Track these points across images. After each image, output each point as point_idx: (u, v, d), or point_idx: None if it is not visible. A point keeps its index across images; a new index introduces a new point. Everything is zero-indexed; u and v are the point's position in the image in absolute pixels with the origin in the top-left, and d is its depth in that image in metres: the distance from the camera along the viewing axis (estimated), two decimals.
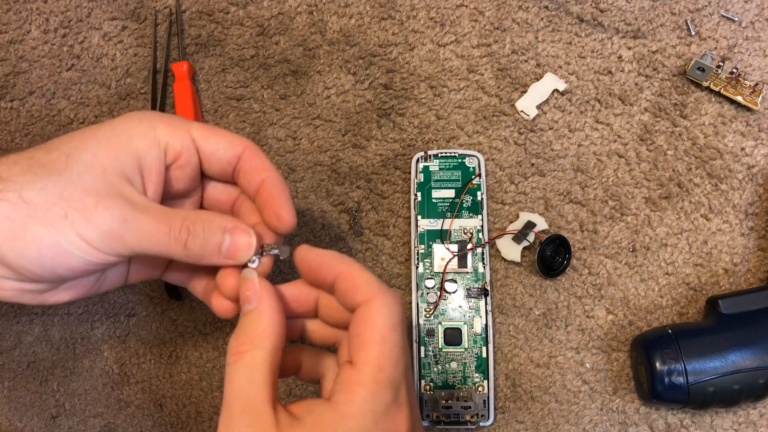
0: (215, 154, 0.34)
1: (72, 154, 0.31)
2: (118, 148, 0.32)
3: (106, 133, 0.32)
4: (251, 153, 0.35)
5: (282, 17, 0.50)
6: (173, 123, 0.33)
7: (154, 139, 0.33)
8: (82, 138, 0.32)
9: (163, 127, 0.33)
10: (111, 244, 0.30)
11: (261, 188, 0.35)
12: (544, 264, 0.44)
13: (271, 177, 0.34)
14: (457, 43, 0.49)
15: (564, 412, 0.44)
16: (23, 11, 0.50)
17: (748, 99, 0.46)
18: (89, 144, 0.31)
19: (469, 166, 0.46)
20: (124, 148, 0.32)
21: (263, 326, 0.31)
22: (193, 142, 0.34)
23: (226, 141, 0.34)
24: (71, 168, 0.30)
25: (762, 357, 0.40)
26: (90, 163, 0.31)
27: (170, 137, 0.33)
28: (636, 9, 0.48)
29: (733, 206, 0.46)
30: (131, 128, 0.32)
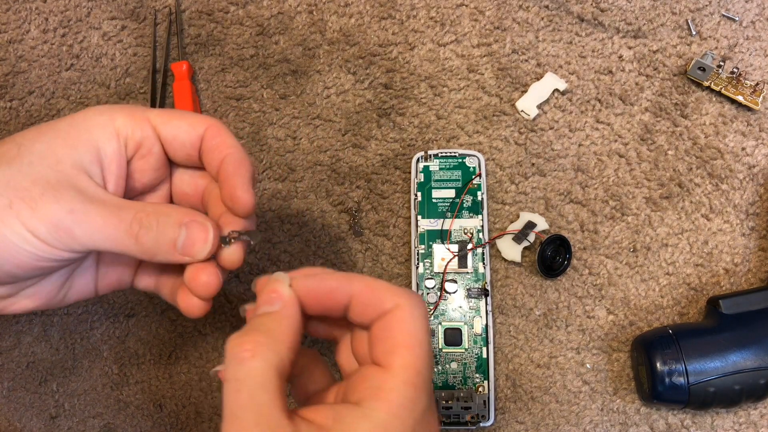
0: (177, 138, 0.33)
1: (24, 144, 0.30)
2: (76, 139, 0.30)
3: (64, 126, 0.31)
4: (213, 131, 0.33)
5: (282, 17, 0.50)
6: (132, 113, 0.32)
7: (113, 130, 0.31)
8: (38, 130, 0.31)
9: (122, 118, 0.32)
10: (59, 236, 0.29)
11: (221, 164, 0.32)
12: (545, 264, 0.44)
13: (232, 153, 0.32)
14: (457, 42, 0.49)
15: (564, 413, 0.44)
16: (23, 11, 0.50)
17: (749, 99, 0.46)
18: (45, 136, 0.30)
19: (469, 166, 0.46)
20: (82, 140, 0.30)
21: (282, 329, 0.28)
22: (154, 129, 0.32)
23: (187, 123, 0.33)
24: (22, 158, 0.29)
25: (763, 357, 0.40)
26: (43, 154, 0.29)
27: (129, 127, 0.32)
28: (636, 8, 0.48)
29: (734, 206, 0.46)
30: (90, 120, 0.31)
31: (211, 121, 0.33)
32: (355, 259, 0.46)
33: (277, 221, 0.47)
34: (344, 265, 0.46)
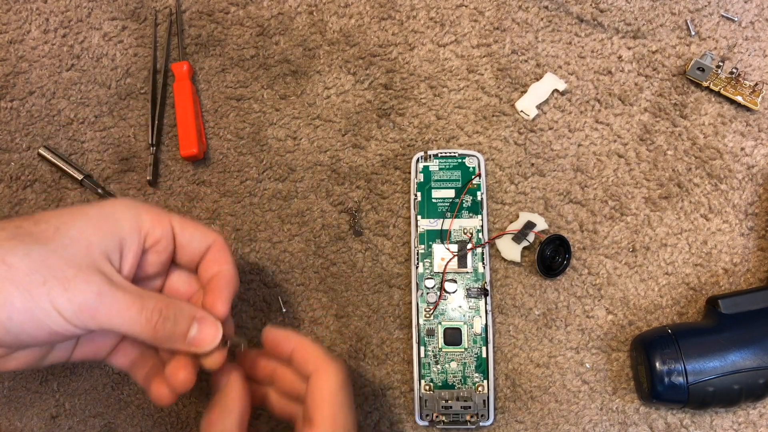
0: (191, 244, 0.37)
1: (60, 228, 0.32)
2: (105, 228, 0.34)
3: (95, 213, 0.34)
4: (219, 245, 0.38)
5: (282, 17, 0.50)
6: (158, 214, 0.36)
7: (138, 225, 0.35)
8: (71, 214, 0.33)
9: (148, 216, 0.36)
10: (82, 316, 0.31)
11: (214, 276, 0.37)
12: (544, 264, 0.44)
13: (227, 270, 0.37)
14: (457, 43, 0.49)
15: (564, 412, 0.44)
16: (23, 11, 0.50)
17: (748, 99, 0.46)
18: (78, 221, 0.33)
19: (469, 166, 0.46)
20: (110, 229, 0.34)
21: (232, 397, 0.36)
22: (172, 231, 0.37)
23: (201, 233, 0.37)
24: (57, 240, 0.32)
25: (762, 357, 0.40)
26: (76, 238, 0.32)
27: (153, 225, 0.36)
28: (636, 9, 0.48)
29: (733, 206, 0.46)
30: (119, 213, 0.35)
31: (218, 236, 0.38)
32: (355, 259, 0.47)
33: (277, 221, 0.47)
34: (344, 265, 0.46)
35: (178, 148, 0.47)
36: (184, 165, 0.48)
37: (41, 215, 0.33)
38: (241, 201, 0.48)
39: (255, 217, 0.47)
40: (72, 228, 0.32)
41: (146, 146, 0.49)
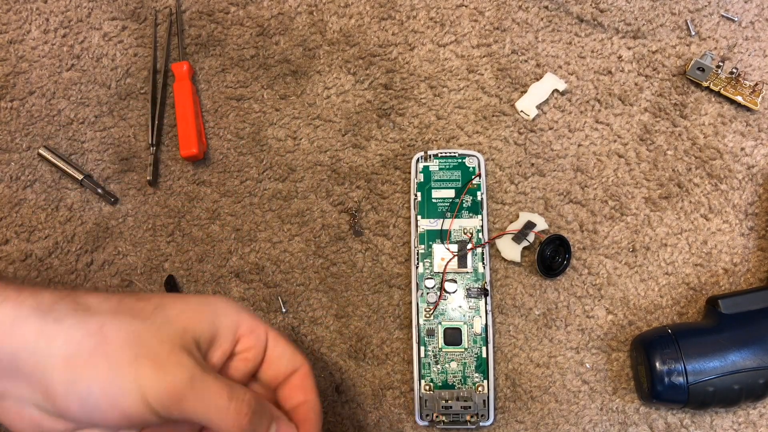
0: (279, 361, 0.36)
1: (160, 306, 0.32)
2: (203, 317, 0.33)
3: (196, 302, 0.33)
4: (305, 372, 0.36)
5: (282, 17, 0.50)
6: (255, 320, 0.35)
7: (236, 324, 0.34)
8: (173, 297, 0.33)
9: (246, 320, 0.34)
10: (168, 401, 0.29)
11: (302, 406, 0.36)
12: (544, 264, 0.44)
13: (313, 401, 0.36)
14: (457, 43, 0.49)
15: (564, 412, 0.44)
16: (23, 11, 0.50)
17: (748, 99, 0.46)
18: (178, 304, 0.32)
19: (469, 166, 0.46)
20: (208, 319, 0.33)
21: None
22: (266, 343, 0.35)
23: (291, 353, 0.36)
24: (155, 318, 0.31)
25: (762, 357, 0.40)
26: (173, 320, 0.31)
27: (249, 330, 0.34)
28: (636, 9, 0.48)
29: (733, 206, 0.46)
30: (220, 308, 0.34)
31: (307, 362, 0.36)
32: (355, 259, 0.47)
33: (277, 221, 0.47)
34: (344, 265, 0.46)
35: (178, 148, 0.47)
36: (184, 165, 0.48)
37: (143, 294, 0.33)
38: (241, 201, 0.48)
39: (255, 217, 0.47)
40: (171, 309, 0.32)
41: (146, 146, 0.49)
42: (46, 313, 0.29)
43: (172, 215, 0.48)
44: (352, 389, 0.45)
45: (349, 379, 0.45)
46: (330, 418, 0.45)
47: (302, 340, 0.46)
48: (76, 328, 0.29)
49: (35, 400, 0.29)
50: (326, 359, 0.45)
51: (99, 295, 0.31)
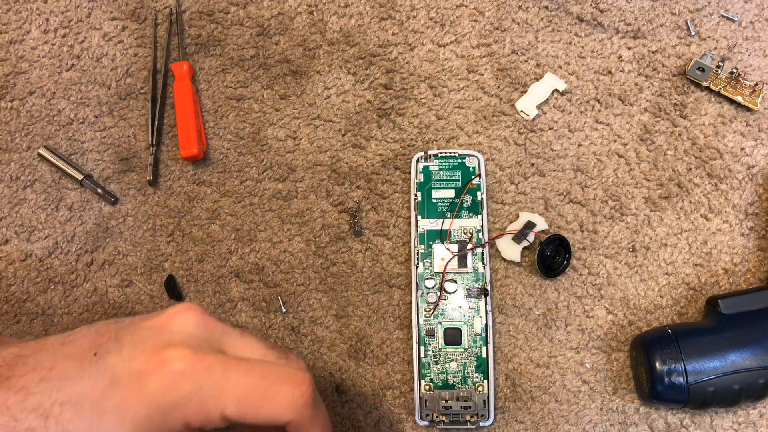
0: (258, 426, 0.31)
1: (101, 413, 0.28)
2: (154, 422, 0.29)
3: (139, 414, 0.29)
4: (299, 422, 0.31)
5: (282, 17, 0.50)
6: (205, 412, 0.29)
7: (183, 420, 0.29)
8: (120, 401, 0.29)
9: (196, 421, 0.29)
10: None
11: None
12: (544, 264, 0.44)
13: None
14: (457, 43, 0.49)
15: (564, 412, 0.44)
16: (23, 11, 0.50)
17: (748, 99, 0.46)
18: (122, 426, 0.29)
19: (469, 166, 0.46)
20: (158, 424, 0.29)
21: None
22: (228, 419, 0.30)
23: (269, 418, 0.30)
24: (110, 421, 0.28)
25: (762, 357, 0.40)
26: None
27: (204, 424, 0.30)
28: (636, 9, 0.48)
29: (733, 206, 0.46)
30: (160, 416, 0.29)
31: (296, 417, 0.30)
32: (355, 259, 0.47)
33: (277, 221, 0.47)
34: (344, 265, 0.47)
35: (178, 148, 0.47)
36: (184, 165, 0.48)
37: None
38: (241, 201, 0.48)
39: (255, 217, 0.47)
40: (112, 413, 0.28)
41: (146, 146, 0.49)
42: None
43: (172, 215, 0.48)
44: (352, 389, 0.45)
45: (349, 379, 0.45)
46: (330, 418, 0.45)
47: (302, 340, 0.46)
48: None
49: None
50: (326, 359, 0.45)
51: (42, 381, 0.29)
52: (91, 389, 0.29)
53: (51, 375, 0.29)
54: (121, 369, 0.29)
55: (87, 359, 0.29)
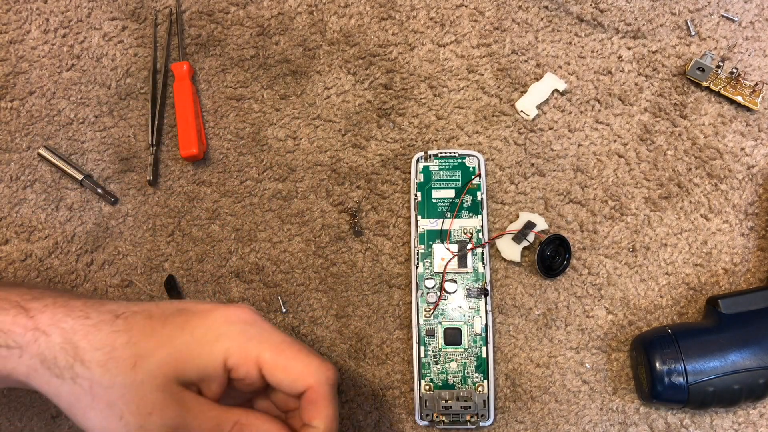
0: (282, 385, 0.35)
1: (142, 358, 0.33)
2: (187, 361, 0.33)
3: (181, 343, 0.34)
4: (312, 395, 0.34)
5: (282, 17, 0.50)
6: (246, 350, 0.34)
7: (221, 358, 0.34)
8: (157, 343, 0.34)
9: (236, 351, 0.34)
10: None
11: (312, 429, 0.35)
12: (544, 264, 0.44)
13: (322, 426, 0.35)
14: (457, 43, 0.49)
15: (564, 412, 0.44)
16: (23, 11, 0.50)
17: (748, 99, 0.46)
18: (159, 352, 0.33)
19: (469, 166, 0.46)
20: (192, 364, 0.33)
21: None
22: (260, 370, 0.34)
23: (291, 378, 0.34)
24: (136, 374, 0.33)
25: (762, 357, 0.40)
26: (156, 373, 0.33)
27: (240, 361, 0.34)
28: (636, 9, 0.48)
29: (733, 206, 0.46)
30: (208, 341, 0.34)
31: (317, 382, 0.34)
32: (355, 259, 0.47)
33: (277, 221, 0.47)
34: (344, 265, 0.46)
35: (178, 148, 0.47)
36: (184, 165, 0.48)
37: (132, 335, 0.34)
38: (241, 201, 0.48)
39: (255, 217, 0.47)
40: (153, 358, 0.33)
41: (146, 146, 0.49)
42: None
43: (172, 215, 0.48)
44: (352, 389, 0.45)
45: (349, 379, 0.45)
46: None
47: (302, 340, 0.46)
48: (71, 385, 0.33)
49: None
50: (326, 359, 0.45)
51: (92, 338, 0.33)
52: (160, 309, 0.35)
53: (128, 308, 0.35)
54: (187, 305, 0.35)
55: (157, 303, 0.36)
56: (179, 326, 0.34)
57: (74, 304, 0.34)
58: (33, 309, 0.34)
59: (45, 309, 0.34)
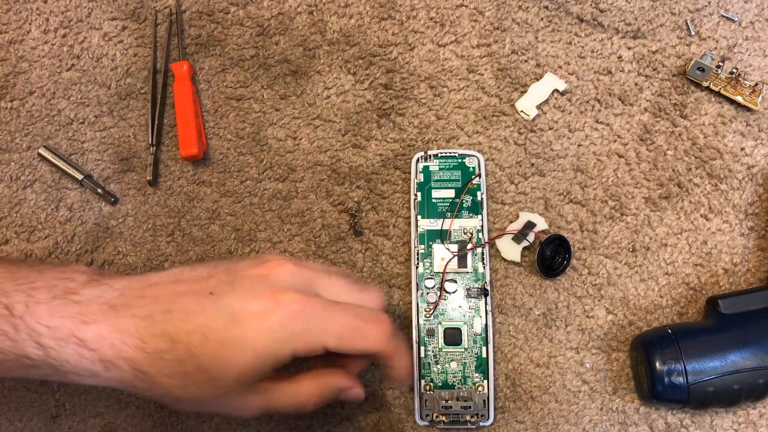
0: (351, 362, 0.39)
1: (210, 387, 0.34)
2: (258, 371, 0.35)
3: (247, 360, 0.34)
4: (384, 353, 0.37)
5: (282, 17, 0.50)
6: (309, 344, 0.35)
7: (289, 359, 0.35)
8: (225, 365, 0.34)
9: (300, 350, 0.35)
10: None
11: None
12: (544, 264, 0.44)
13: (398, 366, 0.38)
14: (457, 43, 0.49)
15: (564, 412, 0.44)
16: (23, 11, 0.50)
17: (748, 99, 0.46)
18: (226, 379, 0.34)
19: (469, 166, 0.46)
20: (263, 372, 0.35)
21: None
22: (325, 349, 0.36)
23: (357, 352, 0.36)
24: (217, 390, 0.35)
25: (762, 357, 0.40)
26: (230, 389, 0.35)
27: (304, 353, 0.35)
28: (636, 9, 0.48)
29: (733, 206, 0.46)
30: (268, 358, 0.34)
31: (383, 347, 0.36)
32: (355, 259, 0.47)
33: (277, 221, 0.47)
34: (344, 265, 0.46)
35: (178, 148, 0.47)
36: (184, 165, 0.48)
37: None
38: (241, 201, 0.48)
39: (255, 217, 0.47)
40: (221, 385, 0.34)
41: (146, 146, 0.49)
42: None
43: (172, 215, 0.48)
44: None
45: None
46: (330, 418, 0.45)
47: None
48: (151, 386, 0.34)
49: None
50: None
51: (161, 369, 0.34)
52: (214, 322, 0.34)
53: (173, 307, 0.34)
54: (239, 308, 0.34)
55: (205, 297, 0.34)
56: (239, 344, 0.34)
57: (127, 325, 0.34)
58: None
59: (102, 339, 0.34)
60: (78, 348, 0.33)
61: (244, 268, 0.36)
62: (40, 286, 0.34)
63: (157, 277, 0.36)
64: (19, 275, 0.35)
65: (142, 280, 0.36)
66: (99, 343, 0.33)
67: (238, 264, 0.37)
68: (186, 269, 0.37)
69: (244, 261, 0.37)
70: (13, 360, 0.34)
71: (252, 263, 0.37)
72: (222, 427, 0.45)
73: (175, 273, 0.37)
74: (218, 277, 0.36)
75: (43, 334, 0.33)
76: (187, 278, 0.36)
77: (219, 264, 0.37)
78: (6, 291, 0.34)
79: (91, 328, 0.33)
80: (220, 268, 0.36)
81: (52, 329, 0.33)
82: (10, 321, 0.33)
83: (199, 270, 0.37)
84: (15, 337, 0.33)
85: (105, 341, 0.33)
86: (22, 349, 0.33)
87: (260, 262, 0.36)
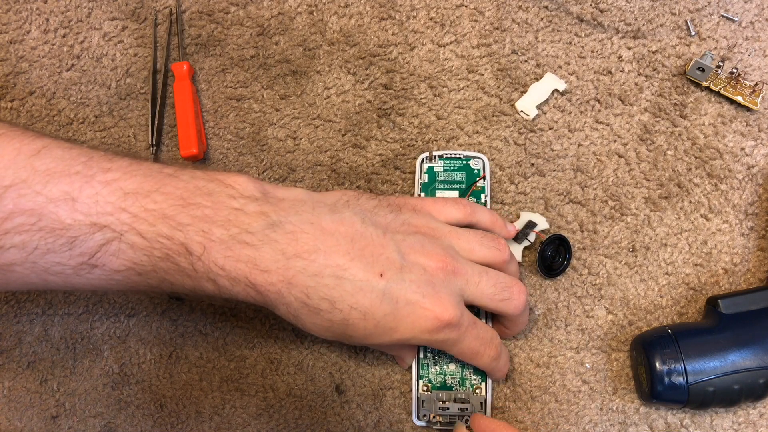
0: None
1: None
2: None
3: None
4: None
5: (282, 17, 0.50)
6: (443, 348, 0.40)
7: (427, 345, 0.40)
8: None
9: (435, 346, 0.40)
10: None
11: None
12: (545, 264, 0.44)
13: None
14: (457, 43, 0.49)
15: (564, 412, 0.44)
16: (23, 11, 0.50)
17: (748, 99, 0.46)
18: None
19: (473, 168, 0.46)
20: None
21: None
22: None
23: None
24: None
25: (762, 357, 0.40)
26: None
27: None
28: (636, 9, 0.48)
29: (733, 206, 0.46)
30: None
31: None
32: None
33: None
34: None
35: (178, 148, 0.47)
36: None
37: None
38: None
39: None
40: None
41: (146, 146, 0.49)
42: None
43: None
44: (352, 389, 0.45)
45: (349, 379, 0.45)
46: (330, 418, 0.45)
47: (302, 340, 0.46)
48: None
49: None
50: (326, 359, 0.45)
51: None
52: (377, 309, 0.36)
53: (345, 276, 0.36)
54: (403, 301, 0.37)
55: (375, 277, 0.36)
56: (390, 331, 0.37)
57: (297, 280, 0.36)
58: None
59: None
60: (247, 289, 0.35)
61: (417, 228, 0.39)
62: (214, 217, 0.35)
63: (331, 223, 0.37)
64: (192, 201, 0.35)
65: (315, 220, 0.37)
66: (268, 290, 0.35)
67: (414, 220, 0.40)
68: (358, 221, 0.37)
69: (420, 218, 0.40)
70: (190, 291, 0.36)
71: (423, 225, 0.40)
72: (222, 427, 0.45)
73: (354, 223, 0.37)
74: (388, 253, 0.37)
75: (218, 274, 0.35)
76: (361, 235, 0.37)
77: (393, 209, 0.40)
78: (182, 224, 0.34)
79: (264, 276, 0.35)
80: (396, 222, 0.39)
81: (227, 271, 0.35)
82: (189, 260, 0.35)
83: (370, 229, 0.37)
84: (193, 275, 0.35)
85: (273, 288, 0.35)
86: (200, 285, 0.36)
87: (430, 229, 0.40)
